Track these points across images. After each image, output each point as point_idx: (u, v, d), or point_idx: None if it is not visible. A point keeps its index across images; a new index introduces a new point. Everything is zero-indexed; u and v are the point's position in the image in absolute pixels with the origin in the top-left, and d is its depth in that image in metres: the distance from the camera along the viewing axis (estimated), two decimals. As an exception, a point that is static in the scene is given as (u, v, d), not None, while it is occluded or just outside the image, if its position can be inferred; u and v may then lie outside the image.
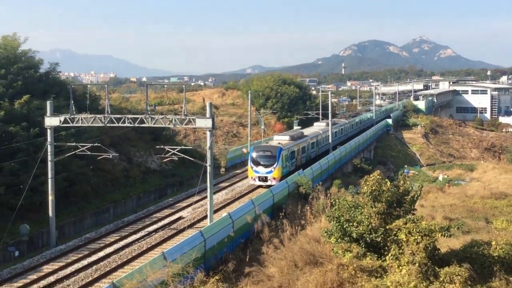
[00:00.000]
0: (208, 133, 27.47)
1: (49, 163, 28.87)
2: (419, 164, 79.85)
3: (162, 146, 31.03)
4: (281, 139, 44.40)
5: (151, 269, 18.43)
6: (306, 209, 29.24)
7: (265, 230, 25.08)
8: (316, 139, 50.95)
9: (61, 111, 32.15)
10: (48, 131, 28.92)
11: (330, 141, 55.70)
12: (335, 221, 19.43)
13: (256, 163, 39.56)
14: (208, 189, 26.97)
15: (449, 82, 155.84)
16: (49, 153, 28.78)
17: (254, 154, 40.11)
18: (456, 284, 16.52)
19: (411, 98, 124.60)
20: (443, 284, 16.58)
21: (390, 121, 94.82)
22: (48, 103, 29.37)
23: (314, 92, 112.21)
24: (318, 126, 57.43)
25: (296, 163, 43.94)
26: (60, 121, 28.76)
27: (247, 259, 22.80)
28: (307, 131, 52.48)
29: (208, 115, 27.29)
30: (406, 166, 74.08)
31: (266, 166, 39.15)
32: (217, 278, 18.64)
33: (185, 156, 29.74)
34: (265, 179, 39.04)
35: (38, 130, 34.86)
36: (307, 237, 22.67)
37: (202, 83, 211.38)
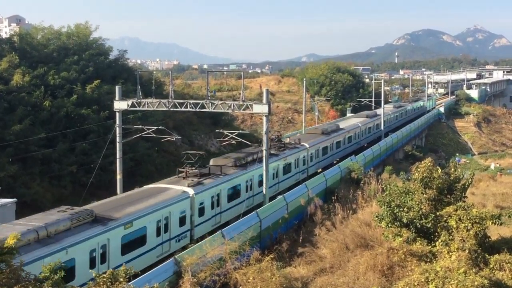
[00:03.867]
0: (264, 119, 28.22)
1: (118, 144, 30.36)
2: (470, 153, 78.49)
3: (221, 130, 32.47)
4: None
5: (210, 246, 19.42)
6: (357, 193, 29.62)
7: (318, 213, 25.87)
8: None
9: (129, 96, 33.85)
10: (117, 114, 30.30)
11: (382, 128, 57.59)
12: (386, 206, 19.88)
13: None
14: (264, 172, 27.84)
15: (503, 72, 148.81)
16: (117, 135, 30.29)
17: None
18: (506, 271, 16.64)
19: (464, 87, 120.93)
20: (493, 271, 16.70)
21: (442, 109, 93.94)
22: (117, 88, 30.91)
23: (367, 80, 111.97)
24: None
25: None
26: (128, 105, 30.15)
27: (300, 240, 23.65)
28: None
29: (264, 101, 27.99)
30: (457, 154, 72.90)
31: None
32: (271, 256, 19.14)
33: (243, 140, 30.61)
34: None
35: (107, 113, 37.23)
36: (358, 221, 23.22)
37: (259, 71, 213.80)
